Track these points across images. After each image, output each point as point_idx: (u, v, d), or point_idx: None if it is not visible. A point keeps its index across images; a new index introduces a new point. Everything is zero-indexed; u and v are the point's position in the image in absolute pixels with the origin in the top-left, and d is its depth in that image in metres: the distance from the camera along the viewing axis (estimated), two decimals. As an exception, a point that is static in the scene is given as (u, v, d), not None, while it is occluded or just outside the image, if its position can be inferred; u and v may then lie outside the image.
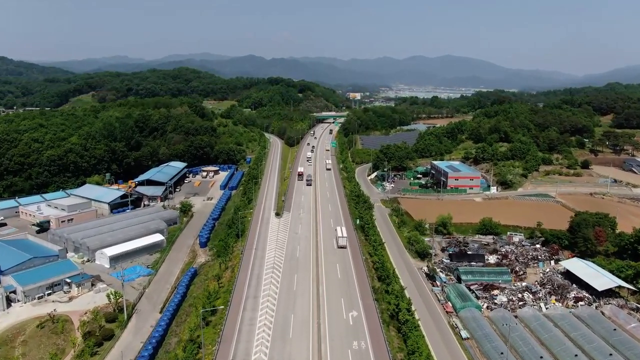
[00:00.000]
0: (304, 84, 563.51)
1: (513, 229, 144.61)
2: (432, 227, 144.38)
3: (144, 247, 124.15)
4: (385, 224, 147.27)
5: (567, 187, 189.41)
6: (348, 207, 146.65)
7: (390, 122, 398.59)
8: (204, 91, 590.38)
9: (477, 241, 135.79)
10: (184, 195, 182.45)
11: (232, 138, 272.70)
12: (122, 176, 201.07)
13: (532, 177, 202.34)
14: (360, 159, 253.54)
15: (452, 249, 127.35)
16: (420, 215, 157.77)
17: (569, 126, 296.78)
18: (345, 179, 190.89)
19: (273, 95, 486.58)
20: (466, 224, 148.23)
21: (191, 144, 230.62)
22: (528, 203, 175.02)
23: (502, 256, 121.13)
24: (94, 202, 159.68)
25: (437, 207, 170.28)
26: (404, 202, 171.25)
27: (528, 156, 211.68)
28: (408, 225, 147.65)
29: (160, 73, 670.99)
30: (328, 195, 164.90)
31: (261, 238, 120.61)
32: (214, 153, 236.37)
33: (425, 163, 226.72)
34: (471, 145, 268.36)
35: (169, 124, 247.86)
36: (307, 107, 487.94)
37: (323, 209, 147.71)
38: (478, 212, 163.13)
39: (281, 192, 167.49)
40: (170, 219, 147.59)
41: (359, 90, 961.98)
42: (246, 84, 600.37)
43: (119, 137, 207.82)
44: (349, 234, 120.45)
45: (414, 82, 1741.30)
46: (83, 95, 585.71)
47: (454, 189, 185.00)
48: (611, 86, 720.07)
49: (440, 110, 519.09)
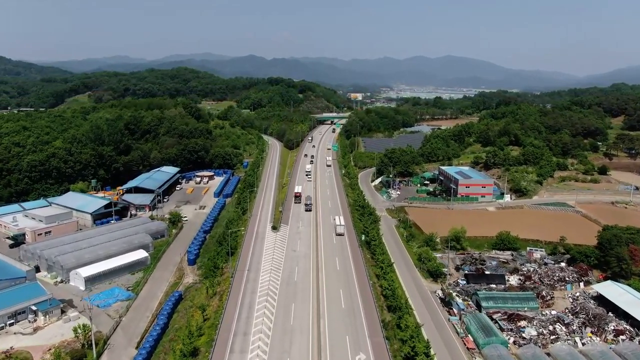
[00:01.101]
0: (304, 84, 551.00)
1: (533, 244, 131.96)
2: (444, 241, 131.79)
3: (126, 266, 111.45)
4: (392, 237, 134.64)
5: (586, 195, 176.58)
6: (352, 220, 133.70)
7: (393, 123, 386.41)
8: (203, 91, 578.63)
9: (495, 258, 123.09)
10: (175, 204, 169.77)
11: (228, 141, 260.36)
12: (110, 182, 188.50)
13: (547, 184, 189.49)
14: (363, 163, 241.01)
15: (467, 268, 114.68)
16: (430, 227, 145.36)
17: (581, 129, 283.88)
18: (347, 186, 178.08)
19: (273, 95, 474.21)
20: (481, 238, 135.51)
21: (185, 147, 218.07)
22: (545, 213, 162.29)
23: (524, 277, 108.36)
24: (76, 212, 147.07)
25: (448, 217, 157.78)
26: (411, 212, 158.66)
27: (542, 161, 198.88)
28: (417, 239, 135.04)
29: (159, 73, 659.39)
30: (330, 205, 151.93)
31: (255, 257, 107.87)
32: (209, 157, 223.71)
33: (432, 168, 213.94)
34: (479, 148, 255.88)
35: (162, 126, 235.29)
36: (308, 107, 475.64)
37: (324, 221, 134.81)
38: (492, 223, 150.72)
39: (279, 202, 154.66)
40: (157, 232, 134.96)
41: (360, 90, 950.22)
42: (246, 84, 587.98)
43: (107, 140, 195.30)
44: (353, 251, 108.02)
45: (414, 82, 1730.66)
46: (79, 95, 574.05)
47: (464, 197, 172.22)
48: (617, 87, 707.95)
49: (443, 111, 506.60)
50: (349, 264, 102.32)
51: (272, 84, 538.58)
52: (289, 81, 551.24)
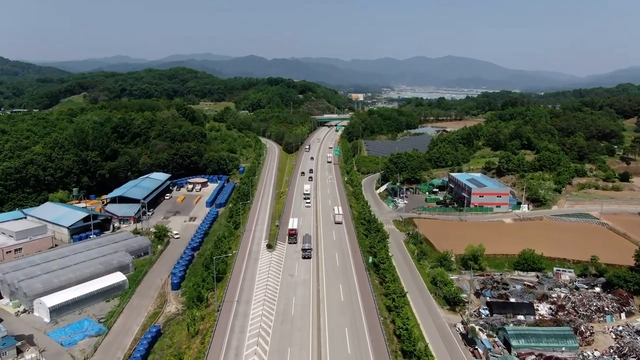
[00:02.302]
0: (304, 85, 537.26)
1: (559, 263, 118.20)
2: (459, 260, 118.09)
3: (100, 292, 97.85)
4: (401, 254, 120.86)
5: (610, 205, 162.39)
6: (357, 236, 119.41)
7: (397, 125, 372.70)
8: (201, 92, 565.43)
9: (518, 280, 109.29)
10: (163, 215, 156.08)
11: (224, 144, 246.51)
12: (95, 190, 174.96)
13: (565, 192, 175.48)
14: (366, 169, 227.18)
15: (489, 294, 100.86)
16: (442, 242, 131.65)
17: (595, 131, 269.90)
18: (351, 195, 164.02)
19: (272, 96, 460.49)
20: (501, 256, 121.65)
21: (176, 151, 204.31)
22: (567, 225, 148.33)
23: (556, 306, 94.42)
24: (52, 225, 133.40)
25: (460, 230, 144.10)
26: (420, 224, 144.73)
27: (560, 167, 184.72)
28: (429, 257, 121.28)
29: (156, 73, 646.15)
30: (332, 218, 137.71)
31: (246, 283, 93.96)
32: (203, 162, 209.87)
33: (441, 174, 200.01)
34: (489, 152, 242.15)
35: (153, 129, 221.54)
36: (308, 108, 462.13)
37: (326, 238, 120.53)
38: (510, 237, 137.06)
39: (275, 214, 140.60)
40: (140, 249, 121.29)
41: (361, 91, 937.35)
42: (244, 84, 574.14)
43: (92, 145, 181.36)
44: (359, 276, 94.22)
45: (415, 82, 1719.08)
46: (75, 96, 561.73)
47: (478, 207, 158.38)
48: (623, 87, 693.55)
49: (447, 112, 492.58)
50: (355, 294, 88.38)
51: (271, 84, 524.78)
52: (289, 81, 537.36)
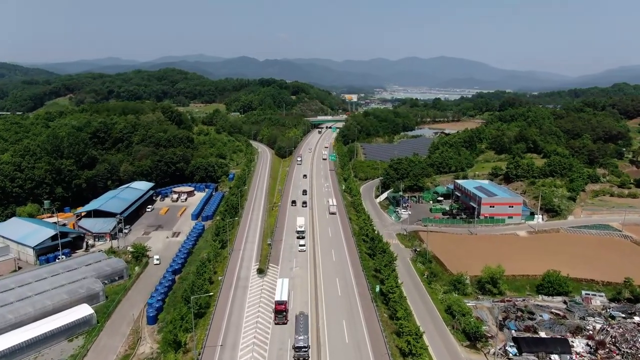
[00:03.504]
0: (297, 86, 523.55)
1: (587, 285, 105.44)
2: (475, 282, 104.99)
3: (62, 329, 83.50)
4: (409, 275, 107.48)
5: (630, 214, 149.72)
6: (359, 257, 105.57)
7: (393, 127, 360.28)
8: (191, 93, 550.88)
9: (544, 307, 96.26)
10: (144, 229, 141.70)
11: (213, 149, 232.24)
12: (70, 202, 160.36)
13: (580, 201, 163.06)
14: (364, 174, 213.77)
15: (514, 325, 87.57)
16: (453, 259, 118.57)
17: (602, 133, 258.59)
18: (349, 206, 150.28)
19: (264, 98, 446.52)
20: (520, 277, 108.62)
21: (161, 158, 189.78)
22: (587, 238, 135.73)
23: (594, 342, 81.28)
24: (16, 244, 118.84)
25: (471, 245, 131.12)
26: (427, 238, 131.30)
27: (573, 173, 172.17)
28: (441, 279, 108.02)
29: (145, 74, 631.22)
30: (330, 233, 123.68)
31: (233, 320, 79.95)
32: (190, 169, 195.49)
33: (445, 181, 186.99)
34: (493, 156, 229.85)
35: (136, 134, 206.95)
36: (301, 110, 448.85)
37: (324, 259, 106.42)
38: (527, 253, 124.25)
39: (267, 231, 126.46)
40: (113, 272, 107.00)
41: (354, 91, 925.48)
42: (236, 85, 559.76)
43: (67, 152, 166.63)
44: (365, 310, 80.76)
45: (408, 83, 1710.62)
46: (60, 98, 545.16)
47: (488, 218, 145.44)
48: (619, 87, 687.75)
49: (444, 113, 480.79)
50: (362, 334, 74.72)
51: (263, 85, 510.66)
52: (281, 82, 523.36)
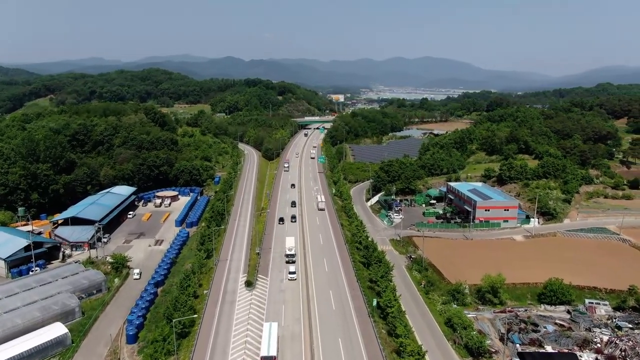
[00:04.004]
0: (284, 86, 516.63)
1: (590, 293, 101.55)
2: (475, 292, 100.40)
3: (33, 352, 76.73)
4: (404, 285, 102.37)
5: (626, 217, 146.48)
6: (353, 268, 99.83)
7: (382, 127, 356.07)
8: (175, 94, 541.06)
9: (547, 317, 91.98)
10: (125, 237, 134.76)
11: (198, 151, 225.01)
12: (47, 209, 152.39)
13: (575, 203, 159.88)
14: (354, 177, 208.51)
15: (517, 339, 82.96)
16: (449, 266, 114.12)
17: (592, 133, 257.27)
18: (341, 211, 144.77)
19: (250, 98, 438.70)
20: (521, 285, 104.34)
21: (143, 161, 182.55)
22: (585, 242, 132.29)
23: (604, 357, 77.00)
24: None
25: (468, 250, 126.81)
26: (421, 244, 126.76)
27: (567, 175, 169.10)
28: (438, 288, 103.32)
29: (128, 74, 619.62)
30: (321, 241, 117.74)
31: (219, 340, 73.72)
32: (174, 172, 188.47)
33: (437, 183, 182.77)
34: (484, 157, 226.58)
35: (117, 136, 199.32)
36: (288, 111, 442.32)
37: (316, 269, 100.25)
38: (525, 258, 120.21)
39: (255, 238, 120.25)
40: (91, 286, 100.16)
41: (340, 92, 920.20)
42: (221, 86, 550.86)
43: (43, 156, 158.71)
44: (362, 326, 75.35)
45: (394, 83, 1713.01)
46: (40, 99, 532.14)
47: (483, 222, 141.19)
48: (603, 87, 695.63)
49: (431, 113, 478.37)
50: (360, 353, 69.04)
51: (249, 85, 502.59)
52: (267, 82, 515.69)
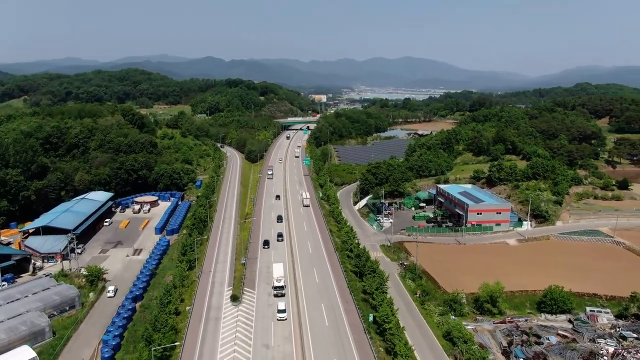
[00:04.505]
0: (265, 86, 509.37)
1: (590, 300, 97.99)
2: (472, 301, 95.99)
3: (-4, 378, 69.71)
4: (399, 294, 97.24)
5: (618, 219, 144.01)
6: (345, 278, 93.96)
7: (366, 128, 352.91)
8: (155, 94, 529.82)
9: (549, 327, 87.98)
10: (101, 247, 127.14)
11: (178, 154, 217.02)
12: (17, 217, 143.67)
13: (566, 205, 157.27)
14: (340, 179, 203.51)
15: (520, 352, 78.59)
16: (444, 274, 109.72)
17: (577, 133, 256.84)
18: (329, 216, 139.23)
19: (231, 98, 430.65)
20: (519, 293, 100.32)
21: (121, 165, 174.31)
22: (580, 246, 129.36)
23: (612, 371, 73.20)
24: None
25: (461, 256, 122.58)
26: (414, 250, 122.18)
27: (557, 176, 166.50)
28: (434, 297, 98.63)
29: (106, 75, 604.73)
30: (310, 249, 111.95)
31: (204, 361, 67.89)
32: (153, 176, 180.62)
33: (425, 186, 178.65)
34: (471, 158, 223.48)
35: (93, 139, 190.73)
36: (270, 111, 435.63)
37: (306, 281, 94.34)
38: (520, 264, 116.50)
39: (240, 247, 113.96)
40: (63, 302, 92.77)
41: (322, 92, 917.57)
42: (202, 86, 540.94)
43: (13, 161, 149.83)
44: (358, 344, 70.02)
45: (375, 83, 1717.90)
46: (14, 100, 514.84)
47: (476, 226, 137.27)
48: (582, 86, 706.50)
49: (414, 113, 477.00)
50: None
51: (230, 86, 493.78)
52: (249, 83, 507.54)
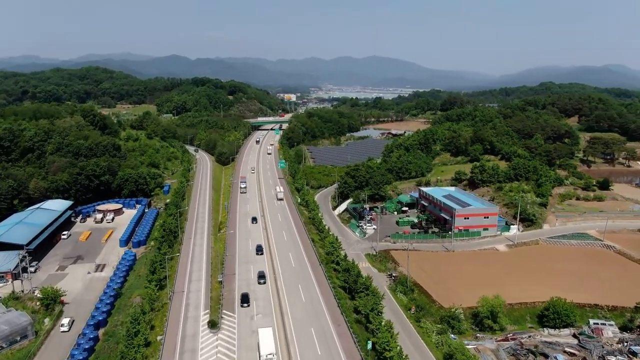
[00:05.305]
0: (234, 85, 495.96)
1: (591, 311, 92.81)
2: (471, 316, 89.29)
3: None
4: (391, 311, 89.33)
5: (602, 220, 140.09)
6: (334, 296, 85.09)
7: (339, 128, 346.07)
8: (118, 93, 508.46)
9: (553, 344, 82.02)
10: (59, 263, 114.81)
11: (144, 157, 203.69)
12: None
13: (550, 206, 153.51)
14: (316, 182, 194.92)
15: (530, 375, 72.24)
16: (436, 285, 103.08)
17: (551, 132, 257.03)
18: (309, 224, 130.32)
19: (199, 98, 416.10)
20: (518, 306, 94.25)
21: (81, 170, 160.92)
22: (570, 250, 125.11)
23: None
24: None
25: (451, 264, 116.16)
26: (401, 259, 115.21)
27: (540, 176, 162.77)
28: (429, 313, 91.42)
29: (65, 73, 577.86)
30: (293, 262, 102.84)
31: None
32: (117, 182, 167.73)
33: (407, 188, 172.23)
34: (449, 158, 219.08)
35: (50, 142, 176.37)
36: (239, 111, 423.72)
37: (291, 300, 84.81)
38: (513, 272, 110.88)
39: (215, 260, 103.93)
40: (13, 332, 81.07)
41: (290, 91, 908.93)
42: (167, 85, 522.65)
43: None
44: None
45: (342, 82, 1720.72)
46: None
47: (463, 231, 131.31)
48: (546, 86, 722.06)
49: (386, 112, 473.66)
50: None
51: (197, 84, 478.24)
52: (216, 82, 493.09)
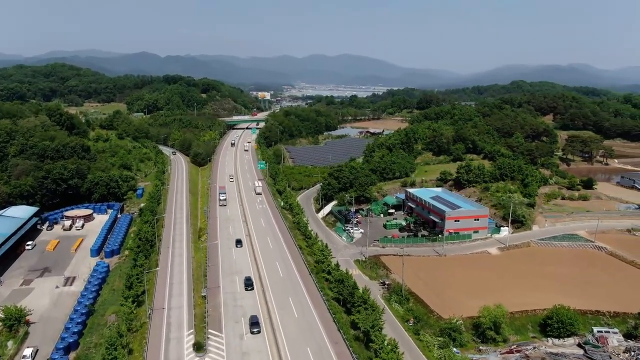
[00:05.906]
0: (207, 83, 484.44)
1: (593, 318, 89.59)
2: (472, 327, 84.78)
3: None
4: (388, 323, 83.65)
5: (590, 221, 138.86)
6: (329, 309, 78.75)
7: (316, 127, 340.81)
8: (85, 91, 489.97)
9: (559, 355, 78.25)
10: (23, 276, 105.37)
11: (115, 158, 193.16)
12: None
13: (537, 207, 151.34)
14: (297, 183, 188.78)
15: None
16: (431, 293, 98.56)
17: (530, 130, 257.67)
18: (294, 229, 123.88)
19: (171, 96, 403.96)
20: (519, 315, 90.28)
21: (47, 174, 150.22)
22: (561, 252, 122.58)
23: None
24: None
25: (444, 269, 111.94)
26: (393, 265, 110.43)
27: (526, 176, 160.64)
28: (427, 324, 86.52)
29: (29, 70, 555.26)
30: (281, 272, 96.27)
31: None
32: (86, 185, 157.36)
33: (392, 189, 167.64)
34: (431, 158, 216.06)
35: (13, 144, 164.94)
36: (214, 109, 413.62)
37: (283, 315, 77.64)
38: (508, 277, 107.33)
39: (197, 272, 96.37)
40: (-29, 359, 72.41)
41: (263, 89, 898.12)
42: (137, 83, 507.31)
43: None
44: None
45: (315, 80, 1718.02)
46: None
47: (453, 234, 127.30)
48: (517, 84, 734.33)
49: (362, 110, 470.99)
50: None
51: (169, 82, 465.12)
52: (189, 79, 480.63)
